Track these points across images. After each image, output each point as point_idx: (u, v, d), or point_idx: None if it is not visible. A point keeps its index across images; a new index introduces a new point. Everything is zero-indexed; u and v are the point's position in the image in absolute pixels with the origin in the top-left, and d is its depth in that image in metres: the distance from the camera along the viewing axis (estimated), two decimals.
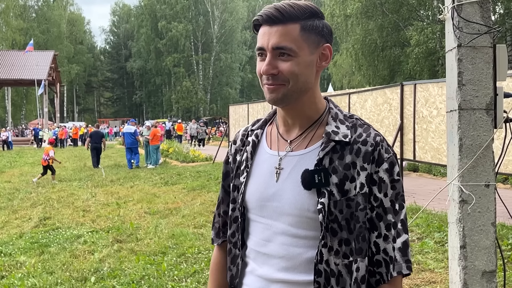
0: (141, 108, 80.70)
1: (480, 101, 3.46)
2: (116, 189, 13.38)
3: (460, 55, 3.45)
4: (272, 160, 1.53)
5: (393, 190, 1.44)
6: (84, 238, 7.94)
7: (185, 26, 65.36)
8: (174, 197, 11.56)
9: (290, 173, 1.48)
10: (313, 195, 1.43)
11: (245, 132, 1.67)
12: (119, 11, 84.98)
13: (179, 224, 8.60)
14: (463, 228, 3.50)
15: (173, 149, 23.34)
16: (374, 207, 1.44)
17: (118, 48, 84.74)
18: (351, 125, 1.49)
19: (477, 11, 3.44)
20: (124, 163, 20.34)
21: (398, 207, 1.44)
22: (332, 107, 1.54)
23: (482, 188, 3.49)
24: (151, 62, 69.46)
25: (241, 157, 1.62)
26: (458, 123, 3.47)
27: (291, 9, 1.42)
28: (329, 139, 1.46)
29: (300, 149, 1.50)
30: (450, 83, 3.60)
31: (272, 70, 1.42)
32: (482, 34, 3.41)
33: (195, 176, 14.82)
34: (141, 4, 71.85)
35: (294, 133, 1.53)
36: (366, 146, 1.44)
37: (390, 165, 1.44)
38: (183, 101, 65.47)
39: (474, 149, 3.47)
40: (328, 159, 1.44)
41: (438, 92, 7.93)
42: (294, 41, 1.41)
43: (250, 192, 1.55)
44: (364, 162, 1.43)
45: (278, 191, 1.48)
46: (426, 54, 27.01)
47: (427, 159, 8.33)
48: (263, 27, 1.45)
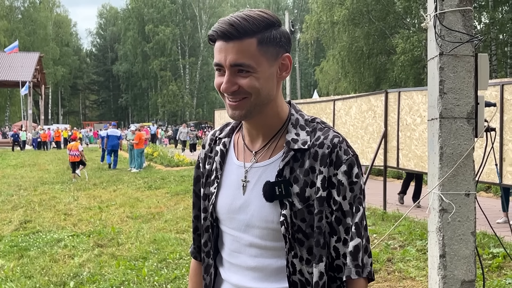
0: (126, 111, 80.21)
1: (461, 110, 3.46)
2: (98, 192, 13.27)
3: (442, 63, 3.45)
4: (239, 172, 1.52)
5: (351, 192, 1.42)
6: (65, 242, 7.83)
7: (172, 30, 65.16)
8: (157, 201, 11.48)
9: (255, 185, 1.47)
10: (276, 207, 1.42)
11: (213, 137, 1.65)
12: (106, 13, 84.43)
13: (161, 229, 8.53)
14: (443, 237, 3.49)
15: (157, 153, 23.21)
16: (333, 210, 1.41)
17: (104, 51, 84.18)
18: (311, 130, 1.47)
19: (459, 19, 3.44)
20: (107, 167, 20.24)
21: (354, 210, 1.42)
22: (293, 113, 1.51)
23: (462, 197, 3.48)
24: (138, 65, 69.08)
25: (211, 166, 1.61)
26: (439, 132, 3.47)
27: (246, 23, 1.37)
28: (289, 148, 1.44)
29: (264, 160, 1.48)
30: (432, 91, 3.59)
31: (232, 87, 1.39)
32: (464, 43, 3.42)
33: (179, 181, 14.71)
34: (128, 7, 71.53)
35: (258, 143, 1.52)
36: (323, 148, 1.42)
37: (348, 167, 1.41)
38: (169, 105, 65.24)
39: (455, 158, 3.47)
40: (289, 169, 1.43)
41: (422, 100, 7.96)
42: (252, 57, 1.37)
43: (220, 204, 1.54)
44: (321, 166, 1.41)
45: (244, 204, 1.48)
46: (411, 62, 27.21)
47: (410, 166, 8.35)
48: (218, 41, 1.40)
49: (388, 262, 5.80)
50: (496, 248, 5.76)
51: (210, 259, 1.59)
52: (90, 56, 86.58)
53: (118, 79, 76.88)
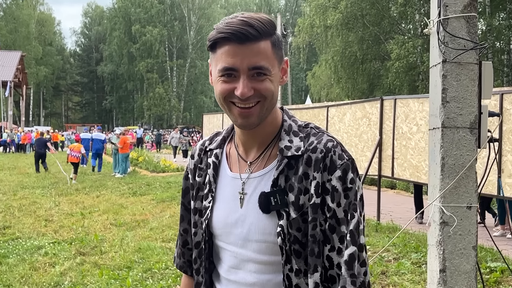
0: (111, 114, 79.57)
1: (464, 119, 3.34)
2: (81, 198, 13.02)
3: (445, 71, 3.32)
4: (234, 184, 1.47)
5: (346, 199, 1.35)
6: (45, 250, 7.63)
7: (160, 30, 64.68)
8: (142, 208, 11.27)
9: (251, 197, 1.42)
10: (274, 218, 1.38)
11: (203, 147, 1.59)
12: (91, 12, 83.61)
13: (146, 237, 8.35)
14: (443, 251, 3.37)
15: (143, 158, 22.92)
16: (327, 218, 1.36)
17: (89, 51, 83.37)
18: (305, 136, 1.42)
19: (464, 26, 3.32)
20: (90, 171, 20.00)
21: (349, 217, 1.35)
22: (286, 119, 1.47)
23: (464, 210, 3.36)
24: (123, 66, 68.48)
25: (203, 178, 1.54)
26: (441, 142, 3.34)
27: (261, 24, 1.33)
28: (283, 156, 1.39)
29: (259, 170, 1.44)
30: (434, 100, 3.46)
31: (249, 92, 1.33)
32: (468, 50, 3.29)
33: (165, 187, 14.53)
34: (114, 6, 70.93)
35: (253, 153, 1.47)
36: (316, 153, 1.37)
37: (343, 172, 1.35)
38: (155, 108, 64.72)
39: (457, 169, 3.34)
40: (284, 177, 1.39)
41: (419, 108, 7.85)
42: (268, 59, 1.34)
43: (215, 218, 1.48)
44: (315, 171, 1.36)
45: (241, 217, 1.43)
46: (406, 69, 27.07)
47: (406, 176, 8.24)
48: (230, 44, 1.33)
49: (382, 275, 5.68)
50: (494, 262, 5.65)
51: (200, 276, 1.53)
52: (74, 56, 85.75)
53: (102, 80, 76.22)
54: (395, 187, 14.50)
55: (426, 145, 7.70)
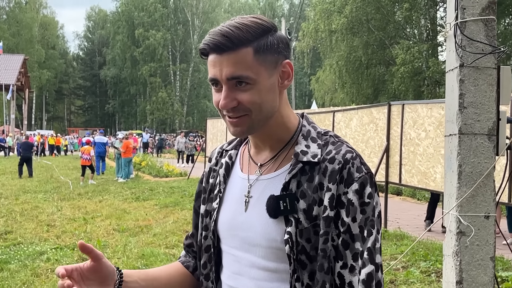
0: (113, 118, 79.55)
1: (482, 125, 3.22)
2: (83, 203, 12.90)
3: (462, 75, 3.21)
4: (242, 185, 1.43)
5: (362, 214, 1.29)
6: (47, 255, 7.51)
7: (163, 34, 64.68)
8: (145, 213, 11.16)
9: (258, 200, 1.37)
10: (281, 223, 1.31)
11: (221, 150, 1.57)
12: (94, 16, 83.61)
13: (149, 243, 8.25)
14: (460, 262, 3.25)
15: (145, 162, 22.81)
16: (340, 233, 1.29)
17: (92, 55, 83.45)
18: (323, 143, 1.37)
19: (482, 29, 3.21)
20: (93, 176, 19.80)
21: (366, 234, 1.29)
22: (305, 125, 1.42)
23: (482, 220, 3.25)
24: (126, 70, 68.49)
25: (214, 179, 1.52)
26: (458, 149, 3.23)
27: (240, 32, 1.27)
28: (297, 160, 1.34)
29: (269, 173, 1.39)
30: (450, 105, 3.35)
31: (231, 103, 1.30)
32: (486, 54, 3.18)
33: (168, 192, 14.44)
34: (118, 10, 71.02)
35: (265, 155, 1.42)
36: (333, 164, 1.31)
37: (360, 186, 1.29)
38: (158, 113, 64.69)
39: (474, 177, 3.23)
40: (296, 182, 1.32)
41: (427, 114, 7.73)
42: (249, 68, 1.28)
43: (221, 220, 1.44)
44: (330, 182, 1.29)
45: (246, 220, 1.37)
46: (411, 74, 26.86)
47: (414, 183, 8.11)
48: (212, 55, 1.31)
49: (391, 284, 5.57)
50: (505, 272, 5.52)
51: (210, 282, 1.48)
52: (77, 60, 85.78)
53: (105, 84, 76.18)
54: (401, 193, 14.36)
55: (434, 151, 7.58)
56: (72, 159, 32.31)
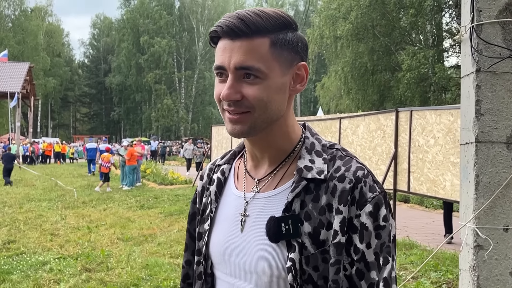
0: (119, 125, 79.65)
1: (499, 133, 3.08)
2: (88, 211, 12.77)
3: (479, 81, 3.07)
4: (238, 203, 1.27)
5: (377, 239, 1.15)
6: (50, 266, 7.38)
7: (168, 41, 64.78)
8: (149, 222, 11.02)
9: (256, 220, 1.22)
10: (282, 248, 1.17)
11: (212, 167, 1.42)
12: (99, 24, 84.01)
13: (154, 253, 8.12)
14: (477, 277, 3.10)
15: (150, 170, 22.69)
16: (354, 261, 1.15)
17: (97, 62, 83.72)
18: (330, 158, 1.22)
19: (499, 32, 3.07)
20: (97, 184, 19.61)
21: (382, 262, 1.15)
22: (308, 136, 1.27)
23: (500, 232, 3.09)
24: (131, 78, 68.60)
25: (207, 198, 1.37)
26: (475, 158, 3.08)
27: (259, 19, 1.15)
28: (301, 177, 1.19)
29: (268, 190, 1.24)
30: (466, 112, 3.21)
31: (234, 95, 1.15)
32: (504, 59, 3.04)
33: (173, 200, 14.30)
34: (123, 17, 71.20)
35: (263, 170, 1.27)
36: (344, 183, 1.16)
37: (375, 207, 1.15)
38: (163, 120, 64.68)
39: (492, 187, 3.08)
40: (300, 202, 1.17)
41: (436, 120, 7.59)
42: (262, 60, 1.15)
43: (213, 243, 1.29)
44: (340, 204, 1.15)
45: (242, 244, 1.23)
46: (417, 80, 26.66)
47: (423, 191, 7.95)
48: (223, 40, 1.18)
49: None
50: None
51: None
52: (82, 68, 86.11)
53: (110, 91, 76.38)
54: (408, 200, 14.16)
55: (444, 158, 7.43)
56: (77, 167, 32.28)
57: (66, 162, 40.30)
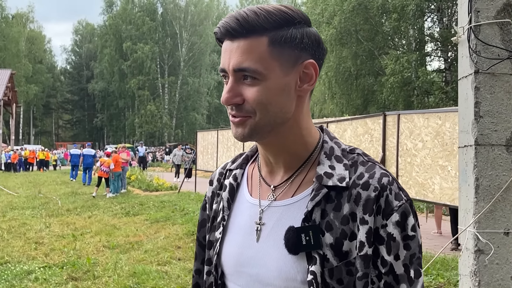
0: (102, 132, 79.05)
1: (499, 135, 3.03)
2: (72, 219, 12.56)
3: (478, 82, 3.02)
4: (252, 212, 1.21)
5: (406, 250, 1.09)
6: (36, 275, 7.22)
7: (151, 47, 64.47)
8: (135, 229, 10.86)
9: (272, 230, 1.15)
10: (301, 260, 1.10)
11: (223, 171, 1.35)
12: (81, 30, 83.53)
13: (141, 261, 7.99)
14: (478, 282, 3.04)
15: (135, 176, 22.48)
16: (382, 274, 1.09)
17: (79, 69, 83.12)
18: (351, 164, 1.15)
19: (497, 33, 3.03)
20: (82, 191, 19.57)
21: (413, 274, 1.09)
22: (327, 140, 1.20)
23: (501, 237, 3.04)
24: (114, 84, 68.14)
25: (218, 204, 1.30)
26: (474, 161, 3.03)
27: (255, 17, 1.08)
28: (321, 184, 1.12)
29: (285, 198, 1.17)
30: (464, 115, 3.16)
31: (234, 98, 1.10)
32: (503, 60, 3.00)
33: (158, 207, 14.14)
34: (105, 23, 70.76)
35: (279, 176, 1.20)
36: (368, 191, 1.09)
37: (402, 216, 1.08)
38: (147, 126, 64.28)
39: (492, 190, 3.03)
40: (320, 211, 1.11)
41: (424, 124, 7.58)
42: (259, 60, 1.08)
43: (226, 253, 1.23)
44: (366, 213, 1.08)
45: (257, 255, 1.16)
46: (401, 84, 26.71)
47: (411, 195, 7.91)
48: (225, 41, 1.13)
49: None
50: None
51: None
52: (65, 74, 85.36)
53: (93, 98, 75.85)
54: None
55: (432, 162, 7.42)
56: (60, 174, 31.88)
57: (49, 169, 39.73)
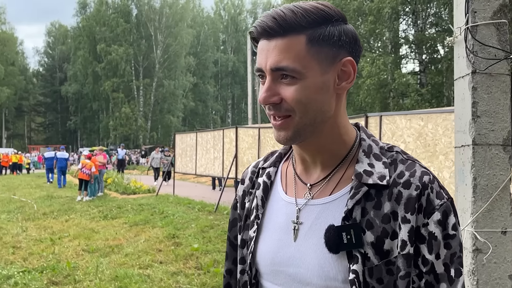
0: (75, 134, 78.02)
1: (496, 135, 3.05)
2: (49, 223, 12.31)
3: (475, 82, 3.03)
4: (288, 210, 1.19)
5: (447, 249, 1.08)
6: (15, 279, 7.06)
7: (125, 49, 63.91)
8: (115, 232, 10.70)
9: (311, 229, 1.14)
10: (342, 259, 1.09)
11: (255, 169, 1.34)
12: (54, 32, 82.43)
13: (122, 264, 7.88)
14: (477, 281, 3.05)
15: (112, 179, 22.20)
16: (422, 273, 1.07)
17: (52, 71, 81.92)
18: (390, 162, 1.14)
19: (494, 34, 3.04)
20: (57, 194, 19.23)
21: (454, 273, 1.08)
22: (364, 138, 1.19)
23: (499, 236, 3.06)
24: (88, 86, 67.33)
25: (251, 203, 1.29)
26: (472, 160, 3.04)
27: (293, 15, 1.07)
28: (361, 183, 1.11)
29: (323, 196, 1.15)
30: (461, 115, 3.17)
31: (271, 98, 1.10)
32: (501, 60, 3.01)
33: (137, 210, 13.98)
34: (78, 25, 69.93)
35: (316, 174, 1.19)
36: (410, 189, 1.08)
37: (443, 215, 1.07)
38: (121, 128, 63.63)
39: (490, 190, 3.04)
40: (360, 209, 1.09)
41: (406, 125, 7.63)
42: (298, 59, 1.07)
43: (261, 252, 1.21)
44: (407, 212, 1.07)
45: (296, 254, 1.14)
46: (377, 86, 26.91)
47: None
48: (261, 41, 1.12)
49: None
50: None
51: None
52: (37, 76, 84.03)
53: (67, 100, 74.87)
54: None
55: None
56: (34, 177, 31.33)
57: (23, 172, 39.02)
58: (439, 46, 28.73)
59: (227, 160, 14.47)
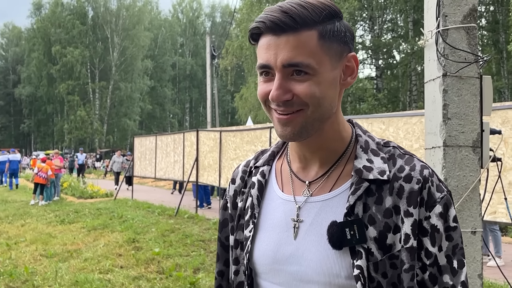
0: (29, 138, 75.95)
1: (466, 137, 3.11)
2: (4, 227, 11.94)
3: (446, 85, 3.09)
4: (287, 208, 1.17)
5: (449, 241, 1.10)
6: None
7: (81, 51, 62.60)
8: (73, 237, 10.45)
9: (312, 225, 1.12)
10: (345, 255, 1.08)
11: (247, 169, 1.31)
12: (8, 33, 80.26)
13: (82, 269, 7.70)
14: None
15: (68, 183, 21.68)
16: (426, 265, 1.09)
17: (5, 73, 79.54)
18: (388, 157, 1.15)
19: (464, 37, 3.11)
20: (12, 199, 18.72)
21: (457, 265, 1.10)
22: (360, 134, 1.19)
23: (469, 236, 3.12)
24: (42, 88, 65.59)
25: (244, 202, 1.26)
26: (443, 162, 3.09)
27: (305, 10, 1.05)
28: (361, 178, 1.11)
29: (322, 193, 1.14)
30: (432, 117, 3.22)
31: (284, 95, 1.07)
32: (471, 63, 3.07)
33: (95, 214, 13.68)
34: (33, 26, 68.10)
35: (313, 171, 1.18)
36: (411, 183, 1.09)
37: (444, 208, 1.09)
38: (76, 132, 62.26)
39: (460, 191, 3.10)
40: (362, 205, 1.09)
41: (368, 129, 7.74)
42: (311, 54, 1.06)
43: (259, 251, 1.18)
44: (410, 205, 1.08)
45: (296, 251, 1.13)
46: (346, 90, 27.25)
47: None
48: (266, 36, 1.08)
49: None
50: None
51: None
52: None
53: (20, 103, 72.76)
54: None
55: None
56: None
57: None
58: (395, 51, 29.31)
59: (187, 163, 14.34)
